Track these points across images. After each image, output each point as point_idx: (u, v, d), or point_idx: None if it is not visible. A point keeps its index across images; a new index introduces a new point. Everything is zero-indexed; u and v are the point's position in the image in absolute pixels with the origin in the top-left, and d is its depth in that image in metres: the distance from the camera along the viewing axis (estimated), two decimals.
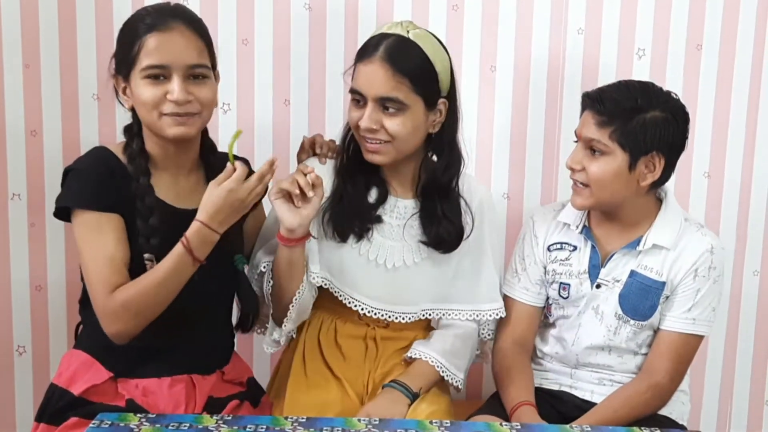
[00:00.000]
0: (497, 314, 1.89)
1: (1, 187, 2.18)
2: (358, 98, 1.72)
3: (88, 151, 1.67)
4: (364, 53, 1.71)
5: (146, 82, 1.56)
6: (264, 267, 1.76)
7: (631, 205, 1.80)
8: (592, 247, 1.84)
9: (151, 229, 1.59)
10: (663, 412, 1.83)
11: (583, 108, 1.77)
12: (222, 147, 1.78)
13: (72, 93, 2.15)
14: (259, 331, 1.92)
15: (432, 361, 1.80)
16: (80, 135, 2.16)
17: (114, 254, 1.56)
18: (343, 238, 1.78)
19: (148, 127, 1.62)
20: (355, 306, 1.81)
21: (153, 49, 1.55)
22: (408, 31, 1.71)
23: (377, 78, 1.68)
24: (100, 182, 1.58)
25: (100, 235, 1.56)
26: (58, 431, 1.59)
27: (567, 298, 1.86)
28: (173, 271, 1.55)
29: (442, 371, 1.81)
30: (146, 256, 1.58)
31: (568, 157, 1.81)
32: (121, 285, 1.55)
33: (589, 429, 1.56)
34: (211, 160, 1.72)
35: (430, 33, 1.76)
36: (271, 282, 1.74)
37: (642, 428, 1.57)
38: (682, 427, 1.84)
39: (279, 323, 1.77)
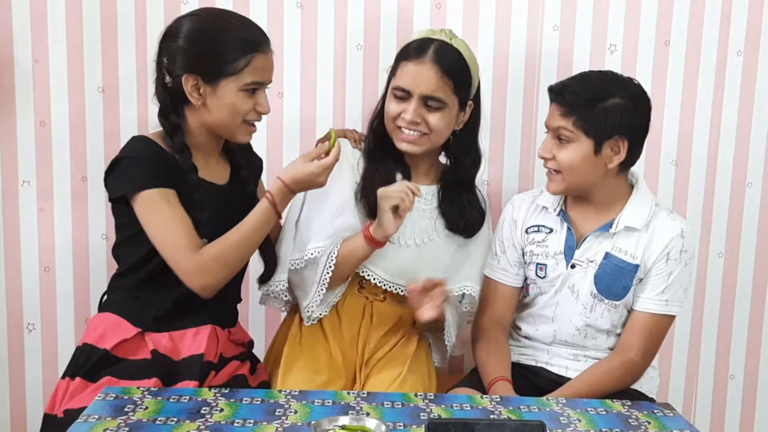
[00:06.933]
0: (474, 292, 1.97)
1: (12, 174, 2.24)
2: (401, 95, 1.84)
3: (128, 141, 1.76)
4: (412, 54, 1.83)
5: (245, 94, 1.71)
6: (315, 253, 1.85)
7: (603, 187, 1.86)
8: (568, 228, 1.89)
9: (199, 205, 1.71)
10: (634, 386, 1.88)
11: (551, 101, 1.86)
12: None
13: (78, 86, 2.21)
14: (281, 307, 2.03)
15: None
16: (86, 125, 2.23)
17: (188, 220, 1.68)
18: (374, 216, 1.87)
19: (220, 126, 1.75)
20: (362, 271, 1.90)
21: (260, 68, 1.72)
22: (450, 39, 1.85)
23: (427, 78, 1.82)
24: (156, 163, 1.70)
25: (171, 206, 1.67)
26: (94, 387, 1.66)
27: (544, 277, 1.91)
28: (259, 224, 1.70)
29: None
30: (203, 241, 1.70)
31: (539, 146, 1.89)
32: (199, 246, 1.68)
33: (564, 401, 1.61)
34: (232, 146, 1.87)
35: (464, 42, 1.88)
36: (332, 268, 1.84)
37: (614, 400, 1.63)
38: (652, 399, 1.89)
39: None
